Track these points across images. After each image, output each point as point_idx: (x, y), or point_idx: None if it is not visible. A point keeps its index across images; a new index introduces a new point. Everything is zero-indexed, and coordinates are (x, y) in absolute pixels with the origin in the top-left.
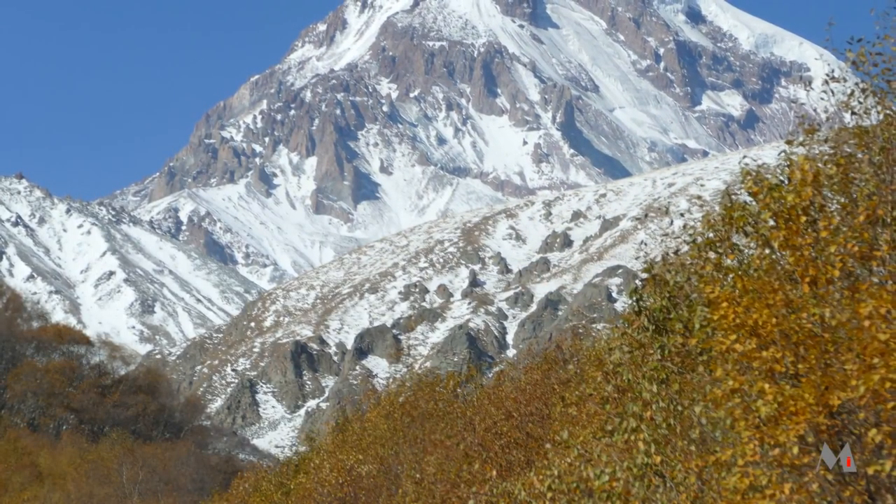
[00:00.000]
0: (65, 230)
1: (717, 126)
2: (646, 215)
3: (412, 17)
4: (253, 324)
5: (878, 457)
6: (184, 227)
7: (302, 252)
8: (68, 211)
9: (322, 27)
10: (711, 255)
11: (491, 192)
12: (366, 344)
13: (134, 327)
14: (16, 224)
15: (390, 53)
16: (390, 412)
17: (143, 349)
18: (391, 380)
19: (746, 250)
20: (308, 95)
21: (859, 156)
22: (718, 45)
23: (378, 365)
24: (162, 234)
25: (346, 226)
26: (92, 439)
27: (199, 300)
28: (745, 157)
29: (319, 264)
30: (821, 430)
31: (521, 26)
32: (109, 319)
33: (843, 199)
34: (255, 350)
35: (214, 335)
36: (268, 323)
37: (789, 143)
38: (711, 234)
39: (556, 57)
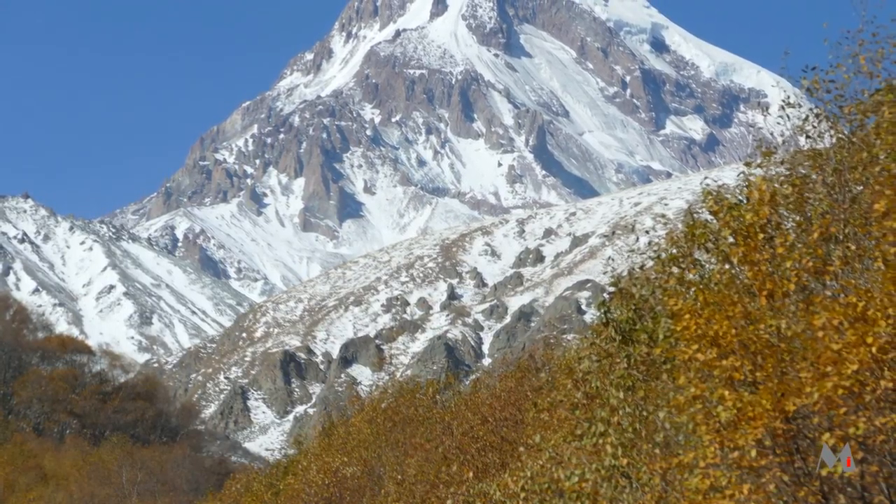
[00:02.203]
0: (68, 246)
1: (679, 149)
2: (613, 233)
3: (394, 47)
4: (244, 334)
5: None
6: (180, 244)
7: (290, 267)
8: (71, 228)
9: (309, 56)
10: (675, 269)
11: (468, 210)
12: (350, 353)
13: (133, 338)
14: (22, 241)
15: (373, 81)
16: (373, 417)
17: (142, 358)
18: (374, 387)
19: (707, 265)
20: (296, 120)
21: (813, 177)
22: (681, 73)
23: (362, 373)
24: (159, 251)
25: (331, 242)
26: (93, 443)
27: (194, 312)
28: (706, 178)
29: (307, 278)
30: (777, 434)
31: (496, 55)
32: (110, 330)
33: (798, 218)
34: (247, 359)
35: (208, 345)
36: (258, 333)
37: (748, 164)
38: (675, 251)
39: (529, 84)
